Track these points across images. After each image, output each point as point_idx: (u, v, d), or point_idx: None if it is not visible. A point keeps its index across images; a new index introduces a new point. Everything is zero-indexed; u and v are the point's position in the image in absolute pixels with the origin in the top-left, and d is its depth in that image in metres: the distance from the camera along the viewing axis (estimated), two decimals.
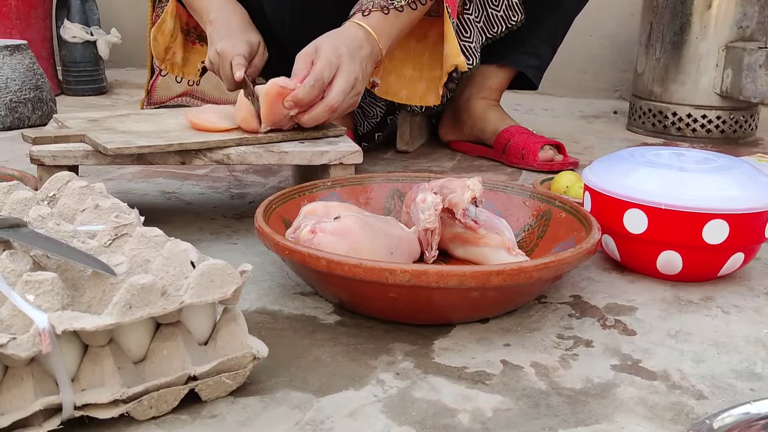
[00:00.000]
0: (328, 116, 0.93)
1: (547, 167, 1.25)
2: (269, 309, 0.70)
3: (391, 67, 1.21)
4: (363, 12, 1.02)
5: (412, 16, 1.05)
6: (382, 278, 0.60)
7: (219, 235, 0.89)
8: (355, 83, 0.95)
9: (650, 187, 0.76)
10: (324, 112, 0.93)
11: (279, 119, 0.91)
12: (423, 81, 1.23)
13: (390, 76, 1.21)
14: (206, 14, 1.10)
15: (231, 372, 0.54)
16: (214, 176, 1.17)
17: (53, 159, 0.83)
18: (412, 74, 1.21)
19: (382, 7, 1.01)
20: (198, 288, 0.51)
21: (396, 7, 1.02)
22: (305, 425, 0.52)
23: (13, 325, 0.47)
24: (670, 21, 1.61)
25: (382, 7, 1.01)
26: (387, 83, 1.22)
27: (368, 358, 0.61)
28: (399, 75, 1.22)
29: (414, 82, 1.21)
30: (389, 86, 1.22)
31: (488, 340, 0.65)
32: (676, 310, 0.73)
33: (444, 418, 0.53)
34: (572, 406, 0.55)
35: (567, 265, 0.64)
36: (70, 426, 0.48)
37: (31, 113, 1.52)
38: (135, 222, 0.62)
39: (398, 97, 1.23)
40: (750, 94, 1.52)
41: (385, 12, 1.01)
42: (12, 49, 1.51)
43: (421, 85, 1.23)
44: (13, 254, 0.53)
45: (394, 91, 1.22)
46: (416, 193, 0.78)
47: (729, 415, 0.51)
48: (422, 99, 1.24)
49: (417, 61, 1.20)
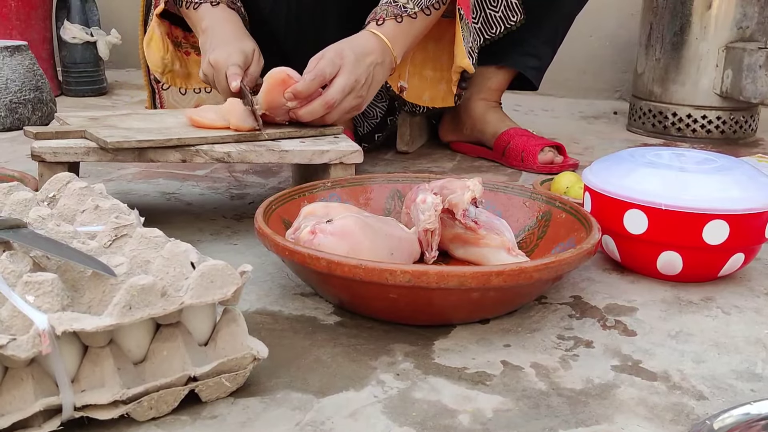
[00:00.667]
0: (324, 111, 0.94)
1: (546, 169, 1.25)
2: (269, 310, 0.70)
3: (413, 71, 1.21)
4: (377, 21, 1.02)
5: (427, 21, 1.06)
6: (382, 279, 0.60)
7: (219, 236, 0.89)
8: (356, 85, 0.95)
9: (650, 188, 0.76)
10: (320, 107, 0.93)
11: (275, 107, 0.92)
12: (444, 82, 1.24)
13: (413, 78, 1.22)
14: (199, 23, 1.08)
15: (231, 373, 0.54)
16: (214, 177, 1.17)
17: (54, 155, 0.83)
18: (433, 75, 1.21)
19: (396, 15, 1.02)
20: (198, 289, 0.51)
21: (409, 14, 1.03)
22: (306, 426, 0.52)
23: (13, 326, 0.47)
24: (670, 21, 1.61)
25: (395, 15, 1.02)
26: (412, 86, 1.22)
27: (368, 358, 0.61)
28: (421, 77, 1.22)
29: (435, 84, 1.22)
30: (414, 89, 1.22)
31: (488, 340, 0.65)
32: (677, 310, 0.73)
33: (444, 419, 0.53)
34: (572, 407, 0.55)
35: (567, 265, 0.64)
36: (70, 427, 0.48)
37: (31, 114, 1.52)
38: (135, 223, 0.62)
39: (421, 99, 1.24)
40: (750, 94, 1.52)
41: (398, 20, 1.02)
42: (12, 50, 1.51)
43: (442, 86, 1.24)
44: (13, 255, 0.53)
45: (418, 95, 1.23)
46: (416, 194, 0.78)
47: (729, 415, 0.51)
48: (444, 100, 1.25)
49: (436, 62, 1.20)
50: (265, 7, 1.19)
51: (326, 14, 1.21)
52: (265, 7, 1.19)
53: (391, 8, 1.03)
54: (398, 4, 1.03)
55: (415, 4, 1.03)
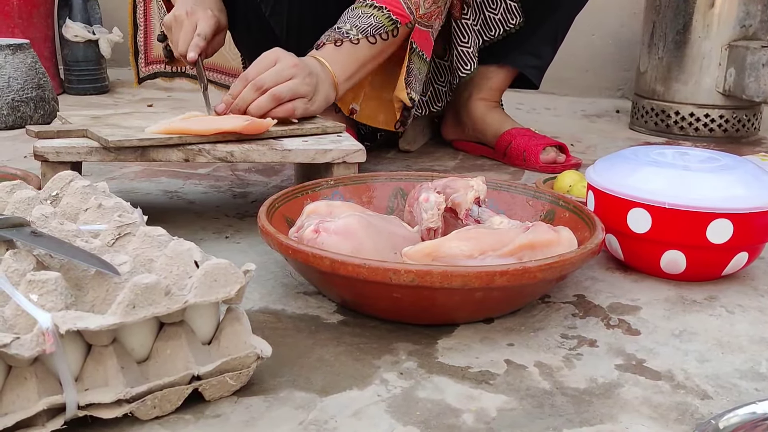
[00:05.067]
0: (254, 94, 0.93)
1: (549, 169, 1.25)
2: (272, 308, 0.70)
3: (372, 93, 1.22)
4: (317, 47, 1.05)
5: (374, 49, 1.06)
6: (386, 278, 0.60)
7: (221, 234, 0.89)
8: (294, 70, 0.95)
9: (654, 187, 0.76)
10: (250, 90, 0.93)
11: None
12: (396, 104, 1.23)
13: (371, 101, 1.22)
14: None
15: (234, 372, 0.54)
16: (216, 175, 1.17)
17: (57, 155, 0.83)
18: (391, 98, 1.21)
19: (336, 39, 1.04)
20: (202, 287, 0.51)
21: (351, 39, 1.04)
22: (309, 425, 0.52)
23: (16, 325, 0.47)
24: (672, 20, 1.61)
25: (335, 40, 1.04)
26: (367, 108, 1.22)
27: (372, 357, 0.61)
28: (380, 99, 1.22)
29: (392, 105, 1.21)
30: (369, 111, 1.23)
31: (492, 339, 0.65)
32: (680, 309, 0.73)
33: (448, 418, 0.53)
34: (576, 406, 0.55)
35: (571, 265, 0.64)
36: (74, 426, 0.48)
37: (33, 112, 1.52)
38: (138, 221, 0.62)
39: (376, 121, 1.24)
40: (753, 93, 1.51)
41: (337, 44, 1.03)
42: (14, 48, 1.51)
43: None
44: (17, 254, 0.53)
45: (373, 116, 1.23)
46: (419, 193, 0.78)
47: (735, 415, 0.50)
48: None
49: (395, 85, 1.20)
50: (265, 7, 1.19)
51: (327, 14, 1.21)
52: (265, 7, 1.19)
53: (333, 34, 1.05)
54: (341, 30, 1.05)
55: (358, 30, 1.04)
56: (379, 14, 1.05)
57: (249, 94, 0.93)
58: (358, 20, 1.05)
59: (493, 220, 0.75)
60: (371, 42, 1.05)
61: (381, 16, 1.05)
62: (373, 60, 1.07)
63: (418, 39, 1.12)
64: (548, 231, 0.68)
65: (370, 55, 1.06)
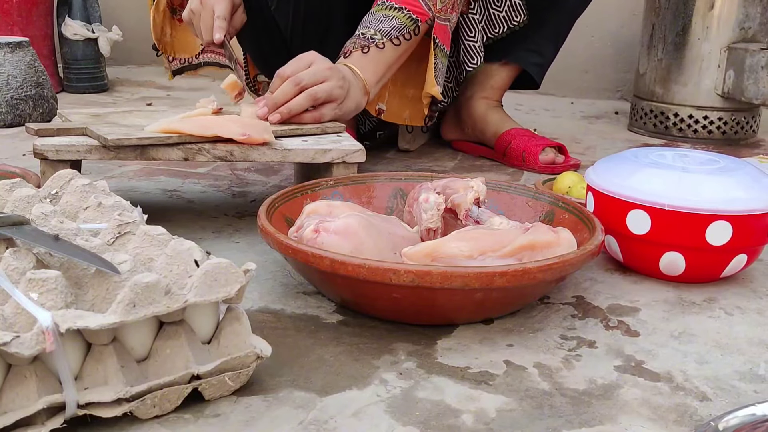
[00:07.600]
0: (294, 89, 0.94)
1: (548, 170, 1.25)
2: (272, 308, 0.70)
3: (395, 90, 1.23)
4: (344, 54, 1.06)
5: (399, 50, 1.08)
6: (385, 279, 0.60)
7: (221, 234, 0.89)
8: (329, 72, 0.96)
9: (653, 188, 0.76)
10: (289, 85, 0.94)
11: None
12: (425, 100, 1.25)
13: (394, 99, 1.24)
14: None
15: (234, 371, 0.54)
16: (215, 174, 1.17)
17: (56, 153, 0.83)
18: (414, 94, 1.23)
19: (362, 46, 1.05)
20: (202, 287, 0.51)
21: (376, 44, 1.05)
22: (309, 425, 0.52)
23: (16, 324, 0.47)
24: (672, 22, 1.61)
25: (362, 47, 1.05)
26: (392, 106, 1.24)
27: (371, 357, 0.61)
28: (402, 96, 1.24)
29: (416, 102, 1.23)
30: (394, 109, 1.24)
31: (491, 340, 0.65)
32: (679, 311, 0.73)
33: (447, 419, 0.53)
34: (576, 407, 0.55)
35: (570, 266, 0.64)
36: (73, 425, 0.48)
37: (32, 110, 1.52)
38: (138, 220, 0.62)
39: (401, 118, 1.26)
40: (752, 95, 1.52)
41: (365, 51, 1.04)
42: (13, 46, 1.51)
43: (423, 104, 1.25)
44: (17, 252, 0.53)
45: (397, 113, 1.25)
46: (419, 193, 0.78)
47: (734, 416, 0.51)
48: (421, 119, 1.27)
49: (418, 81, 1.21)
50: (270, 5, 1.19)
51: (332, 13, 1.21)
52: (270, 5, 1.19)
53: (358, 41, 1.06)
54: (366, 36, 1.06)
55: (382, 35, 1.06)
56: (400, 15, 1.06)
57: (289, 88, 0.94)
58: (380, 24, 1.06)
59: (492, 221, 0.76)
60: (396, 44, 1.06)
61: (402, 17, 1.06)
62: (398, 61, 1.09)
63: (439, 34, 1.13)
64: (548, 232, 0.69)
65: (396, 56, 1.08)
